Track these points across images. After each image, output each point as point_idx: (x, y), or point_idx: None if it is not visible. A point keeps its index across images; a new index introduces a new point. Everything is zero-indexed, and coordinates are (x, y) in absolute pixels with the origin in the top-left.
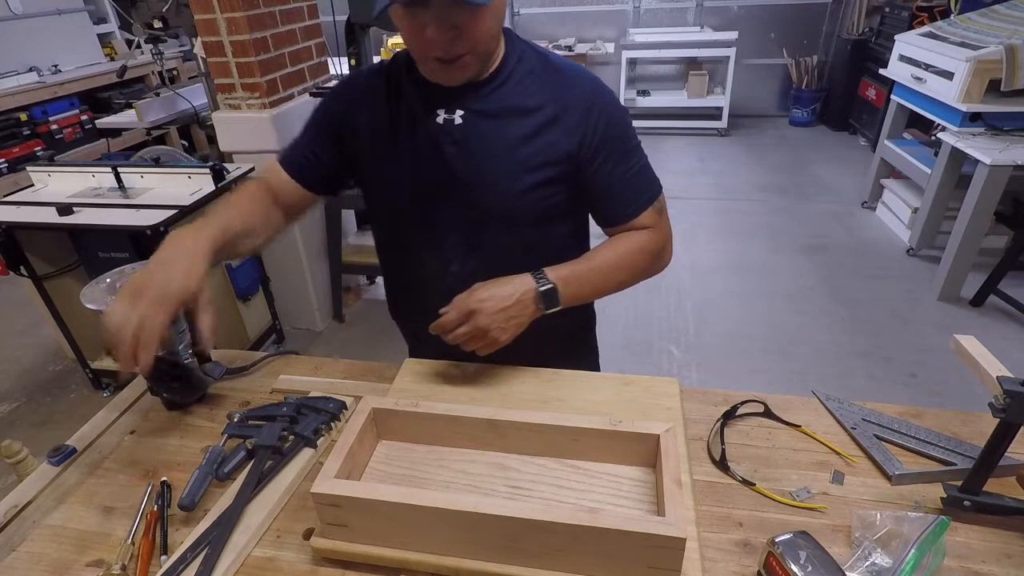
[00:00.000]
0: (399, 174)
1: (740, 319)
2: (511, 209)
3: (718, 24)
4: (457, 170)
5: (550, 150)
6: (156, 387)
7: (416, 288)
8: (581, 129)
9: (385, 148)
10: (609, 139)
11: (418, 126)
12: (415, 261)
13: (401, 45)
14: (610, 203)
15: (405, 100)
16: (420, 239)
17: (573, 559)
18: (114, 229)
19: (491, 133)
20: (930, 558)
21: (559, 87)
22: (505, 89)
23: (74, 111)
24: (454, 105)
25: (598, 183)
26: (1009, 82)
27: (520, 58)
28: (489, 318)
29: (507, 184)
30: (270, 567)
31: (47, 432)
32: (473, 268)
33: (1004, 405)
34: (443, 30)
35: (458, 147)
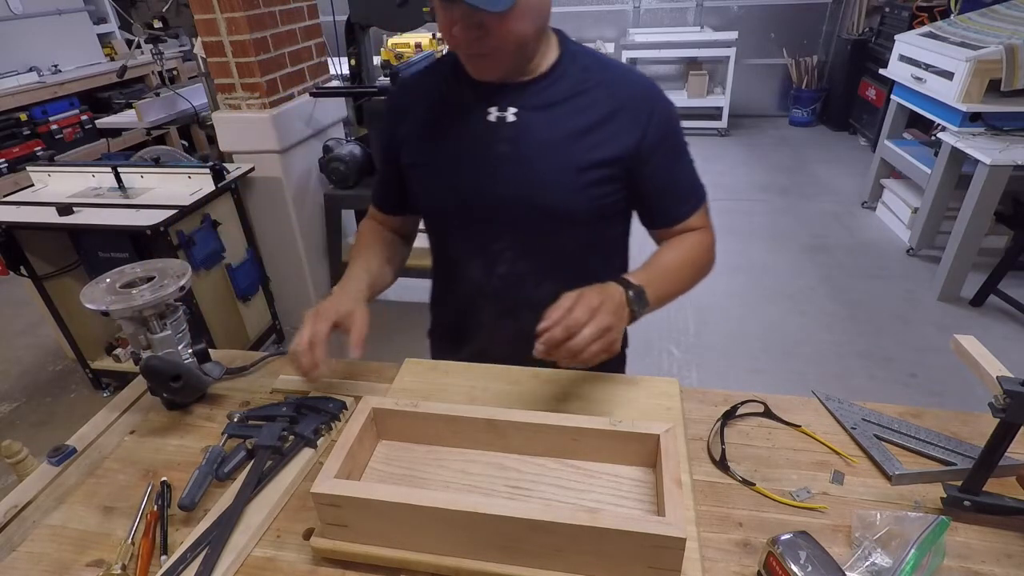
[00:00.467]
0: (448, 176)
1: (740, 319)
2: (566, 208)
3: (718, 24)
4: (510, 169)
5: (606, 148)
6: (156, 387)
7: (462, 291)
8: (639, 128)
9: (436, 149)
10: (665, 138)
11: (469, 125)
12: (462, 263)
13: (401, 45)
14: (663, 203)
15: (455, 99)
16: (469, 241)
17: (573, 559)
18: (114, 229)
19: (546, 131)
20: (930, 558)
21: (614, 85)
22: (559, 87)
23: (74, 111)
24: (507, 103)
25: (655, 182)
26: (1009, 82)
27: (574, 57)
28: (612, 314)
29: (562, 182)
30: (270, 567)
31: (47, 432)
32: (522, 272)
33: (1004, 405)
34: (469, 28)
35: (511, 145)
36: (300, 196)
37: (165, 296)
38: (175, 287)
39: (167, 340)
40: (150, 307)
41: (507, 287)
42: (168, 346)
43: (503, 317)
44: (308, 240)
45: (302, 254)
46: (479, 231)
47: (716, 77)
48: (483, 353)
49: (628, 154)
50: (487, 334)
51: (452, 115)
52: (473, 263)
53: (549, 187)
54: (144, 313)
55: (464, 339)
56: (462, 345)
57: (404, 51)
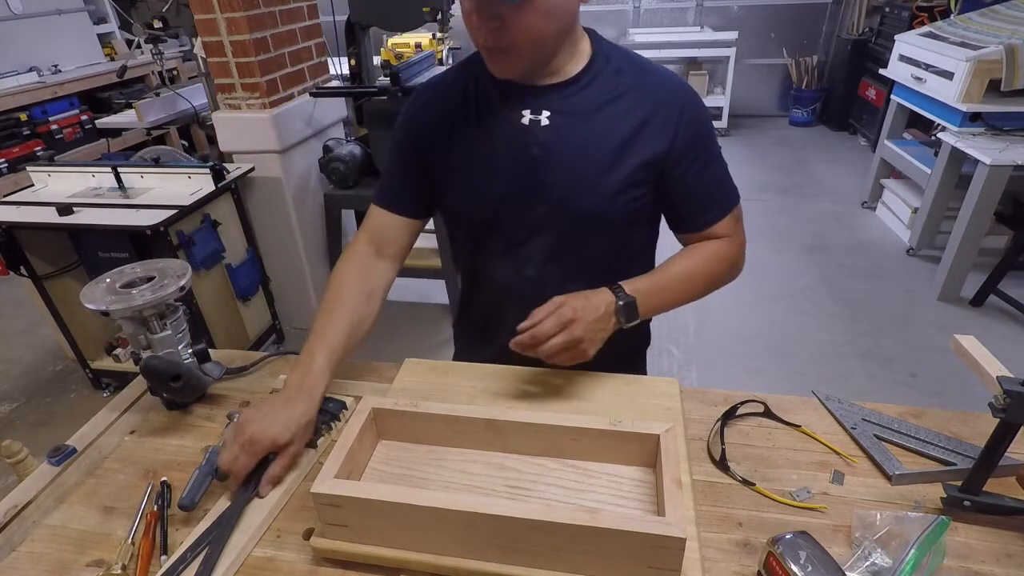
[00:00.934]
0: (480, 178)
1: (740, 319)
2: (599, 212)
3: (718, 24)
4: (544, 173)
5: (641, 151)
6: (156, 387)
7: (491, 296)
8: (672, 131)
9: (466, 152)
10: (697, 142)
11: (502, 128)
12: (491, 268)
13: (400, 45)
14: (692, 207)
15: (487, 101)
16: (498, 245)
17: (573, 559)
18: (114, 229)
19: (580, 134)
20: (930, 558)
21: (649, 88)
22: (593, 89)
23: (74, 111)
24: (540, 106)
25: (682, 186)
26: (1009, 82)
27: (608, 59)
28: (585, 328)
29: (597, 186)
30: (270, 567)
31: (47, 432)
32: (551, 274)
33: (1004, 405)
34: (486, 19)
35: (545, 149)
36: (300, 196)
37: (165, 296)
38: (175, 287)
39: (167, 340)
40: (150, 307)
41: (535, 289)
42: (168, 346)
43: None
44: (308, 240)
45: (302, 254)
46: (509, 235)
47: (716, 77)
48: (507, 353)
49: (659, 158)
50: (512, 335)
51: (483, 117)
52: (502, 265)
53: (581, 191)
54: (144, 313)
55: (489, 339)
56: (487, 345)
57: (404, 51)
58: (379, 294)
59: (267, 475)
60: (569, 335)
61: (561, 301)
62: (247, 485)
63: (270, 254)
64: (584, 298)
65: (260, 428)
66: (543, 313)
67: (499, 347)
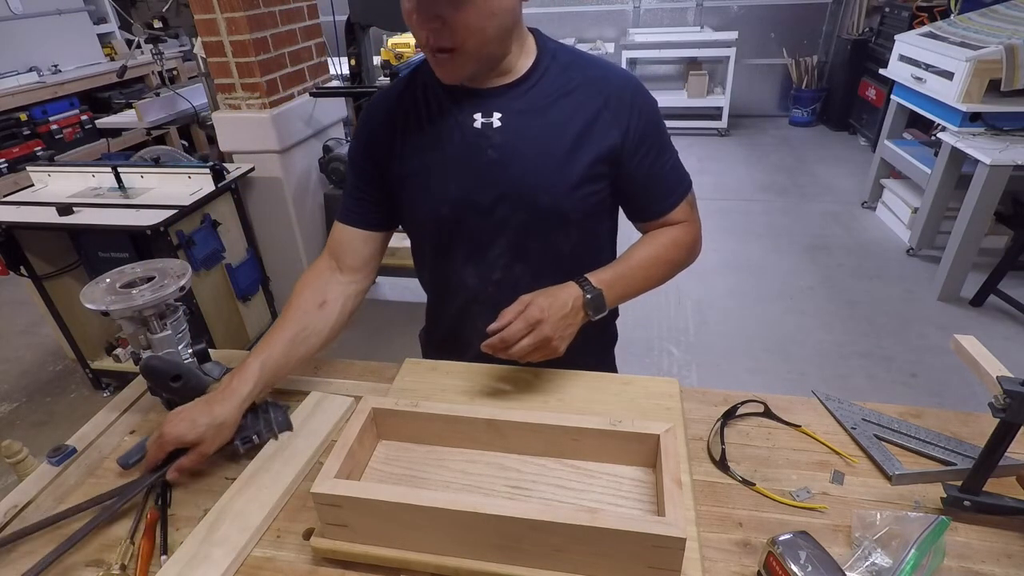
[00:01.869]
0: (437, 185)
1: (740, 319)
2: (560, 208)
3: (718, 24)
4: (501, 174)
5: (593, 147)
6: (156, 387)
7: (459, 302)
8: (624, 122)
9: (421, 160)
10: (649, 132)
11: (454, 133)
12: (457, 275)
13: (400, 45)
14: (648, 197)
15: (438, 108)
16: (462, 251)
17: (573, 559)
18: (114, 229)
19: (533, 132)
20: (930, 558)
21: (597, 81)
22: (542, 87)
23: (74, 111)
24: (490, 107)
25: (638, 177)
26: (1009, 82)
27: (554, 56)
28: (553, 326)
29: (555, 182)
30: (270, 567)
31: (47, 432)
32: (517, 275)
33: (1004, 405)
34: (427, 19)
35: (499, 150)
36: (300, 196)
37: (165, 296)
38: (175, 287)
39: (167, 340)
40: (150, 307)
41: (502, 292)
42: (168, 346)
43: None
44: (308, 240)
45: (302, 254)
46: (472, 239)
47: (716, 77)
48: (481, 359)
49: (613, 151)
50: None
51: (437, 124)
52: (467, 271)
53: (540, 190)
54: (144, 313)
55: (462, 346)
56: (460, 352)
57: (404, 51)
58: (336, 305)
59: (175, 464)
60: (539, 335)
61: (528, 300)
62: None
63: (270, 254)
64: (551, 295)
65: (171, 426)
66: (511, 314)
67: (474, 353)
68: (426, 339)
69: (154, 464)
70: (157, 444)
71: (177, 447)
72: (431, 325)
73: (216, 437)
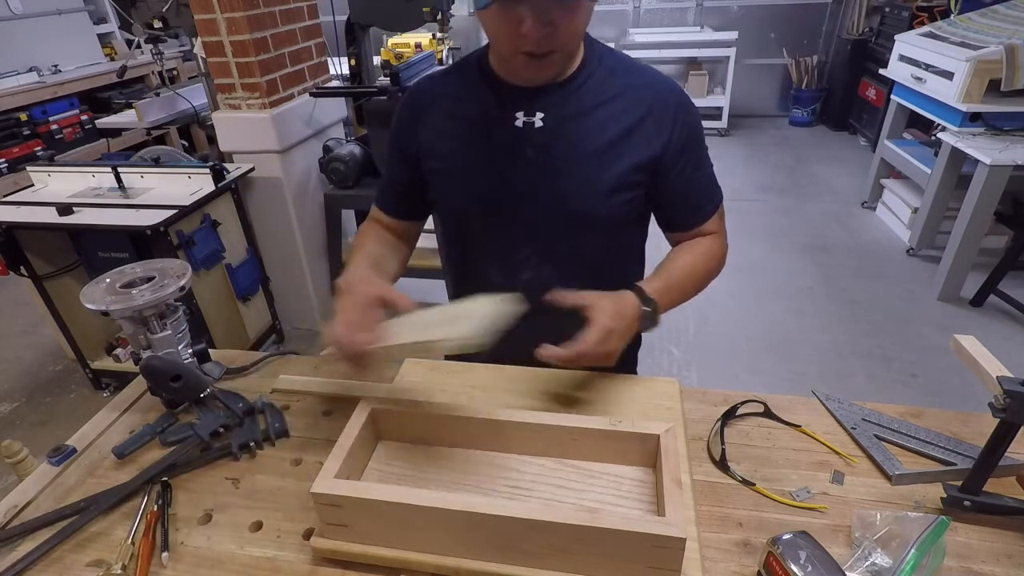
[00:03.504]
0: (472, 181)
1: (740, 319)
2: (592, 214)
3: (718, 24)
4: (538, 175)
5: (633, 155)
6: (156, 387)
7: None
8: (667, 132)
9: (458, 155)
10: (690, 144)
11: (494, 130)
12: (484, 271)
13: (401, 45)
14: (684, 208)
15: (479, 104)
16: (490, 248)
17: (573, 559)
18: (114, 229)
19: (574, 135)
20: (930, 558)
21: (642, 89)
22: (587, 90)
23: (74, 111)
24: (534, 107)
25: (675, 187)
26: (1009, 82)
27: (600, 59)
28: (620, 338)
29: (589, 189)
30: (270, 567)
31: (47, 432)
32: (544, 276)
33: (1004, 405)
34: (540, 25)
35: (539, 151)
36: (300, 196)
37: (165, 296)
38: (175, 287)
39: (167, 340)
40: (150, 307)
41: (529, 292)
42: (168, 346)
43: (523, 322)
44: (308, 240)
45: (302, 254)
46: (503, 237)
47: (716, 77)
48: (500, 358)
49: (653, 160)
50: (505, 339)
51: (476, 119)
52: (495, 268)
53: (576, 194)
54: (144, 313)
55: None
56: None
57: (404, 51)
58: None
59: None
60: (608, 346)
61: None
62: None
63: (270, 254)
64: (616, 302)
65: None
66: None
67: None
68: None
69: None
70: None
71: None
72: None
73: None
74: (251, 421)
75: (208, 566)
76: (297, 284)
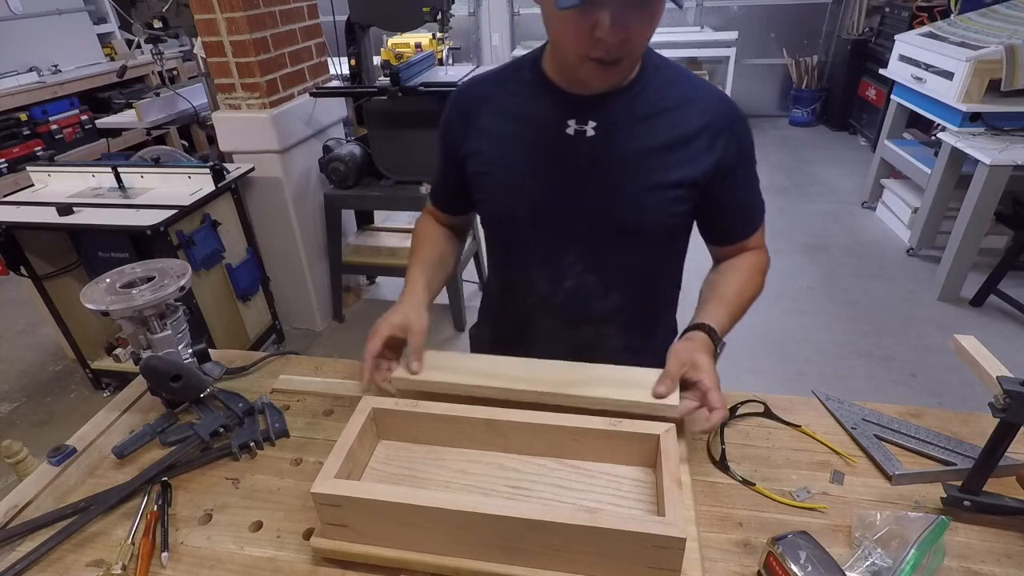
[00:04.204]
0: (519, 188)
1: (740, 319)
2: (640, 224)
3: (718, 24)
4: (587, 184)
5: (685, 168)
6: (156, 387)
7: (525, 302)
8: (721, 149)
9: (506, 160)
10: (742, 160)
11: (546, 138)
12: (528, 276)
13: (400, 45)
14: (731, 221)
15: (531, 110)
16: (535, 254)
17: (573, 559)
18: (114, 229)
19: (625, 148)
20: (930, 558)
21: (698, 102)
22: (642, 100)
23: (74, 111)
24: (587, 116)
25: (722, 202)
26: (1009, 82)
27: (657, 69)
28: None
29: (639, 200)
30: (270, 567)
31: (47, 432)
32: (588, 284)
33: (1004, 405)
34: (616, 31)
35: (590, 161)
36: (300, 196)
37: (165, 296)
38: (175, 287)
39: (167, 340)
40: (150, 307)
41: (572, 300)
42: (168, 346)
43: (566, 329)
44: (308, 240)
45: (302, 254)
46: (549, 244)
47: (716, 77)
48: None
49: (704, 175)
50: (546, 345)
51: (527, 125)
52: (540, 275)
53: (625, 204)
54: (144, 313)
55: (519, 349)
56: (516, 355)
57: (404, 51)
58: (454, 240)
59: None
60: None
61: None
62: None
63: (270, 254)
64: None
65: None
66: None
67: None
68: (480, 336)
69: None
70: (373, 337)
71: (391, 333)
72: (490, 322)
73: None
74: (251, 421)
75: (208, 566)
76: (297, 284)
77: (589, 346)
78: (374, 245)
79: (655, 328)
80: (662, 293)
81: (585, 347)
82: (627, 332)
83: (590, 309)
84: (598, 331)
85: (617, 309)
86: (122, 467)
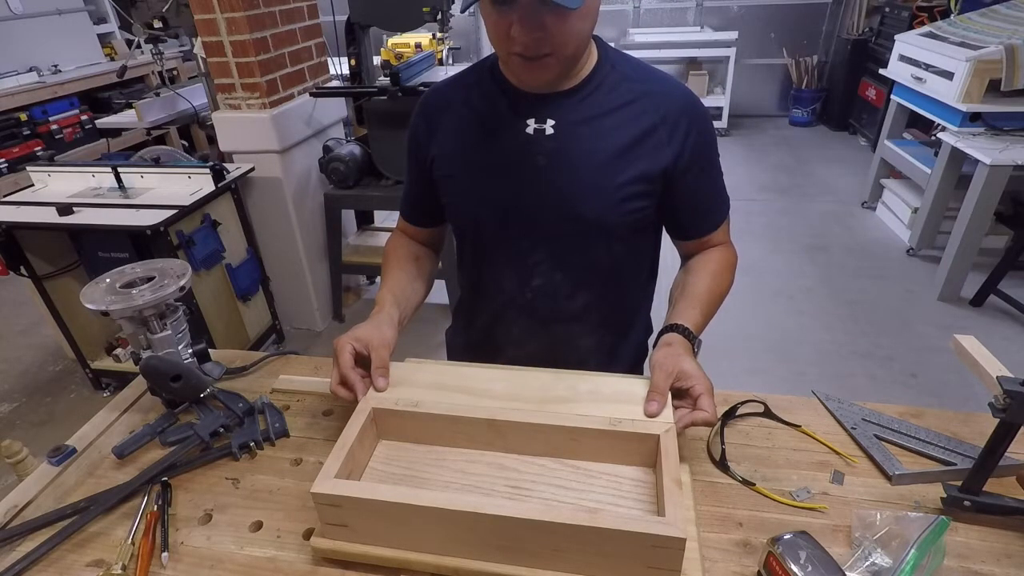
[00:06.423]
0: (483, 188)
1: (740, 319)
2: (604, 221)
3: (718, 24)
4: (549, 182)
5: (645, 162)
6: (156, 387)
7: (494, 303)
8: (680, 142)
9: (468, 160)
10: (703, 152)
11: (506, 137)
12: (496, 277)
13: (400, 45)
14: (693, 216)
15: (491, 110)
16: (502, 255)
17: (573, 559)
18: (114, 229)
19: (586, 143)
20: (930, 558)
21: (655, 96)
22: (599, 96)
23: (74, 111)
24: (545, 114)
25: (686, 195)
26: (1009, 82)
27: (613, 65)
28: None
29: (603, 196)
30: (270, 567)
31: (47, 432)
32: (556, 283)
33: (1004, 405)
34: (529, 29)
35: (550, 158)
36: (300, 196)
37: (165, 296)
38: (175, 287)
39: (167, 340)
40: (150, 307)
41: (541, 299)
42: (168, 346)
43: (535, 328)
44: (308, 240)
45: (302, 254)
46: (515, 244)
47: (716, 77)
48: (512, 364)
49: (664, 168)
50: (517, 345)
51: (487, 126)
52: (507, 275)
53: (588, 201)
54: (144, 313)
55: (493, 351)
56: (490, 357)
57: (404, 51)
58: (425, 261)
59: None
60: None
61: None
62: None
63: (270, 254)
64: (684, 359)
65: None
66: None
67: (505, 359)
68: (455, 339)
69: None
70: (340, 351)
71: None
72: (463, 325)
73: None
74: (251, 421)
75: (208, 566)
76: (297, 284)
77: (562, 345)
78: (374, 245)
79: (629, 326)
80: (633, 291)
81: (559, 346)
82: (599, 330)
83: (559, 308)
84: (569, 330)
85: (586, 307)
86: (122, 467)
